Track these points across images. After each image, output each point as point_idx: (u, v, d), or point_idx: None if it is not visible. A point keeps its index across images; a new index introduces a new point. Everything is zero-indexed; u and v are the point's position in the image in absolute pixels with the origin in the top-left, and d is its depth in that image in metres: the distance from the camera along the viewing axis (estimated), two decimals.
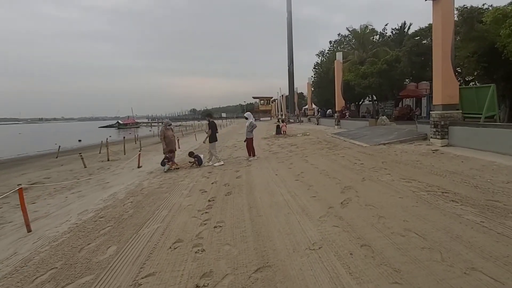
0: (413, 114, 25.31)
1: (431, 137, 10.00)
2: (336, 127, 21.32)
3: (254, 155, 10.40)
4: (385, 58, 23.51)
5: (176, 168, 9.60)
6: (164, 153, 9.86)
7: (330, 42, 39.02)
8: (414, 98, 28.69)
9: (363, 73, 24.62)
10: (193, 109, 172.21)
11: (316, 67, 38.76)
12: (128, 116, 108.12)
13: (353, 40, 35.26)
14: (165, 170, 9.33)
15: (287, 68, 38.85)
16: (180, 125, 67.71)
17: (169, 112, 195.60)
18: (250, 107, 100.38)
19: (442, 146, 9.38)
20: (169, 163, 9.42)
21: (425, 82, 26.86)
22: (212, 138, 9.71)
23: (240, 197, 5.52)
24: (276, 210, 4.57)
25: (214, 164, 9.44)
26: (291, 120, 34.50)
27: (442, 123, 9.56)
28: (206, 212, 4.80)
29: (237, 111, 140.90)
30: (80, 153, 13.10)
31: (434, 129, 9.81)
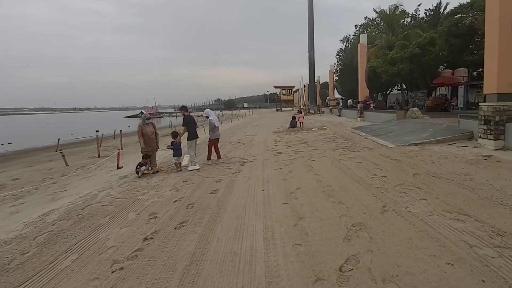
0: (448, 105, 22.28)
1: (480, 137, 7.60)
2: (358, 119, 18.88)
3: (219, 158, 8.63)
4: (418, 41, 20.49)
5: (155, 172, 7.94)
6: (142, 152, 8.22)
7: (356, 26, 35.74)
8: (450, 87, 25.39)
9: (391, 58, 21.72)
10: (218, 99, 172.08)
11: (340, 54, 35.80)
12: (152, 107, 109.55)
13: (381, 24, 31.88)
14: (139, 175, 7.68)
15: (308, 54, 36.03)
16: (201, 115, 66.84)
17: (195, 102, 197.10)
18: (273, 97, 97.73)
19: (496, 150, 7.01)
20: (143, 168, 7.75)
21: (462, 68, 23.59)
22: (190, 135, 7.96)
23: (191, 234, 3.67)
24: (224, 278, 2.67)
25: (188, 168, 7.73)
26: (311, 111, 32.03)
27: (497, 118, 7.16)
28: (121, 269, 2.99)
29: (260, 101, 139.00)
30: (61, 150, 11.77)
31: (485, 127, 7.41)
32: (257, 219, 3.97)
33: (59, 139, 18.80)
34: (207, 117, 8.75)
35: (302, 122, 16.94)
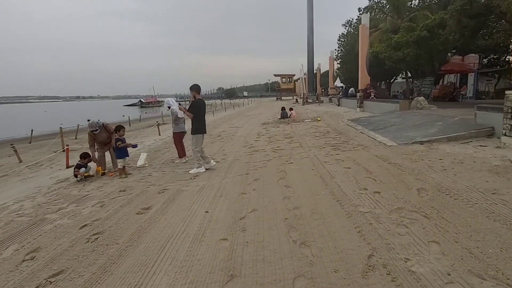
0: (457, 94, 20.47)
1: (505, 134, 6.00)
2: (358, 109, 17.23)
3: (182, 156, 7.21)
4: (426, 23, 18.56)
5: (102, 174, 6.51)
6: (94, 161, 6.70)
7: (359, 9, 33.52)
8: (458, 75, 23.50)
9: (396, 42, 19.81)
10: (220, 87, 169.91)
11: (342, 39, 33.75)
12: (152, 95, 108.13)
13: (387, 6, 29.70)
14: (78, 178, 6.24)
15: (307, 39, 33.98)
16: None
17: None
18: (274, 86, 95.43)
19: None
20: (82, 170, 6.29)
21: (473, 55, 21.70)
22: (197, 127, 5.93)
23: None
24: None
25: (190, 172, 5.92)
26: (309, 100, 30.30)
27: None
28: None
29: (262, 90, 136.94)
30: (12, 145, 10.31)
31: None
32: (166, 274, 2.49)
33: (32, 130, 17.40)
34: (169, 108, 7.28)
35: (294, 116, 15.39)
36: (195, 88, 6.01)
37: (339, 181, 4.56)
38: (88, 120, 7.19)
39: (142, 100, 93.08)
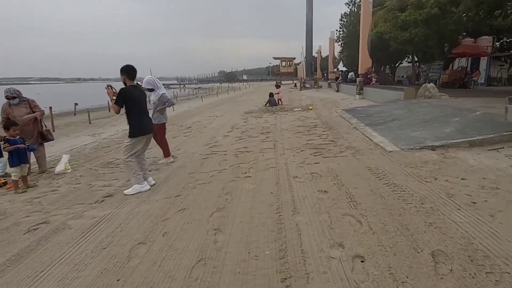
0: (469, 80, 18.40)
1: None
2: (357, 96, 15.31)
3: (168, 156, 5.46)
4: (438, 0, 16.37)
5: (1, 185, 4.85)
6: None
7: None
8: (470, 59, 21.33)
9: (403, 21, 17.71)
10: (221, 70, 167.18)
11: (344, 19, 31.27)
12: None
13: None
14: None
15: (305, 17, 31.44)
16: (199, 87, 63.29)
17: (199, 73, 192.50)
18: (274, 69, 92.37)
19: None
20: None
21: (486, 37, 19.53)
22: (136, 124, 4.16)
23: None
24: None
25: (125, 192, 3.98)
26: (307, 86, 28.22)
27: None
28: None
29: (262, 74, 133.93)
30: None
31: None
32: None
33: None
34: (152, 90, 5.44)
35: (281, 98, 13.63)
36: (126, 71, 4.07)
37: (303, 223, 2.82)
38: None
39: (139, 82, 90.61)
